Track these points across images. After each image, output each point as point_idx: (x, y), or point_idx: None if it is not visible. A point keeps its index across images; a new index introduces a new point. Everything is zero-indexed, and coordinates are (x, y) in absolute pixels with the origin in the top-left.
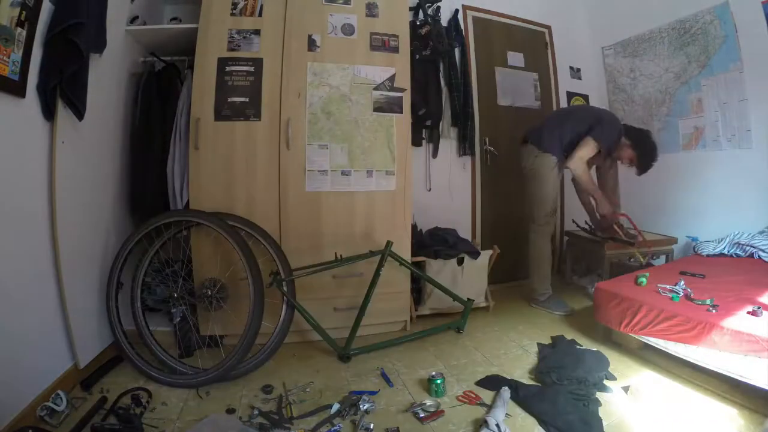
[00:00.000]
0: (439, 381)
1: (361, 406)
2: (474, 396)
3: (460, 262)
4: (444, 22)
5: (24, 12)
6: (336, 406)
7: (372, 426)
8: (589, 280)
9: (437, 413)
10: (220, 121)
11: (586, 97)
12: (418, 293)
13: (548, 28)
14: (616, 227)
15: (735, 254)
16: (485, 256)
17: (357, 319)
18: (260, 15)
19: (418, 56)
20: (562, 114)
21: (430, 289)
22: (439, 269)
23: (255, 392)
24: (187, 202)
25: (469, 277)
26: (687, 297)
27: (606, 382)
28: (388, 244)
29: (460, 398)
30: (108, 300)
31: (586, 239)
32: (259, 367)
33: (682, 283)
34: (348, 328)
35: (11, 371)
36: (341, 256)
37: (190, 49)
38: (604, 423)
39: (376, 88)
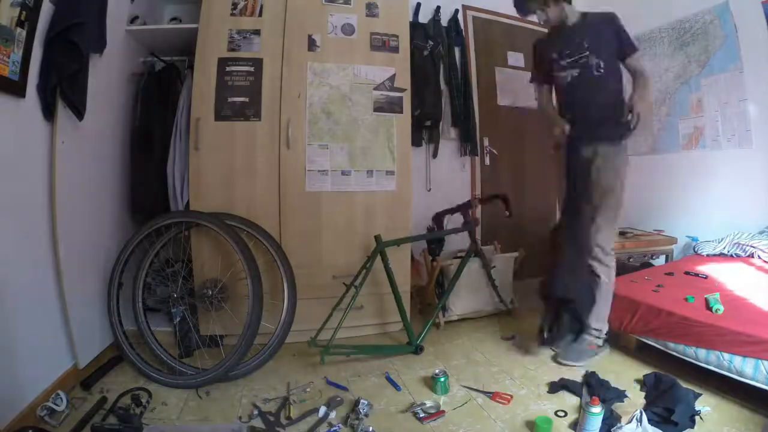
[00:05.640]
0: (442, 379)
1: (361, 410)
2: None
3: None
4: (444, 22)
5: (24, 12)
6: (323, 409)
7: (371, 429)
8: None
9: (437, 413)
10: (220, 121)
11: None
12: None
13: None
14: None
15: (735, 254)
16: (510, 258)
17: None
18: (260, 15)
19: (417, 56)
20: None
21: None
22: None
23: (255, 392)
24: (188, 203)
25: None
26: (685, 298)
27: None
28: (379, 240)
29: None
30: (109, 300)
31: None
32: (260, 367)
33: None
34: (348, 327)
35: (11, 371)
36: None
37: (190, 49)
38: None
39: (376, 88)
